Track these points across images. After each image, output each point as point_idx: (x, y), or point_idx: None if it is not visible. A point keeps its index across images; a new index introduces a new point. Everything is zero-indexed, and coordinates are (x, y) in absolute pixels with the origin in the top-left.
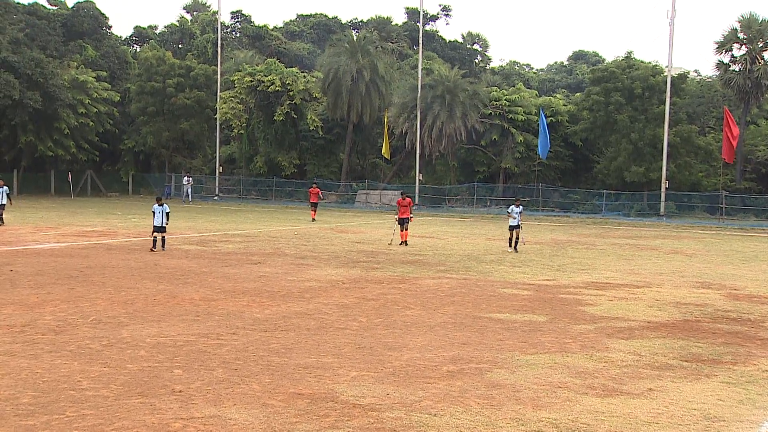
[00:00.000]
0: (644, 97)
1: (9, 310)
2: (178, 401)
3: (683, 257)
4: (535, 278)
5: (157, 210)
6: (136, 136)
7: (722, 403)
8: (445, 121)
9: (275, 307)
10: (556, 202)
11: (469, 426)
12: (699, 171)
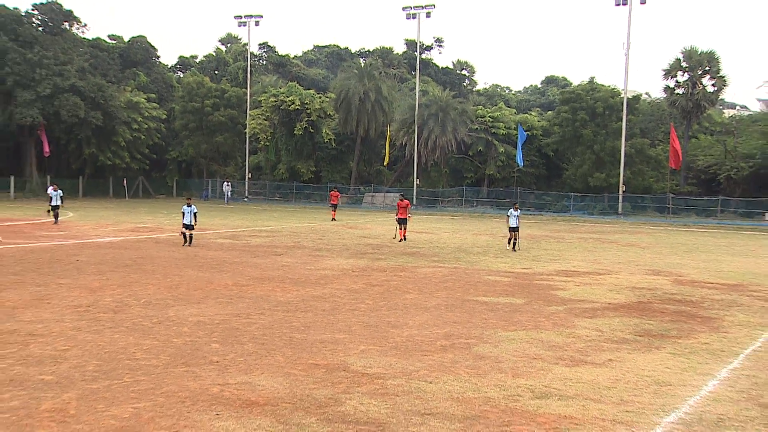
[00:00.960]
0: (605, 115)
1: (76, 292)
2: (216, 370)
3: (638, 249)
4: (514, 267)
5: (186, 210)
6: (179, 147)
7: (669, 370)
8: (438, 134)
9: (295, 291)
10: (531, 203)
11: (459, 391)
12: (650, 177)
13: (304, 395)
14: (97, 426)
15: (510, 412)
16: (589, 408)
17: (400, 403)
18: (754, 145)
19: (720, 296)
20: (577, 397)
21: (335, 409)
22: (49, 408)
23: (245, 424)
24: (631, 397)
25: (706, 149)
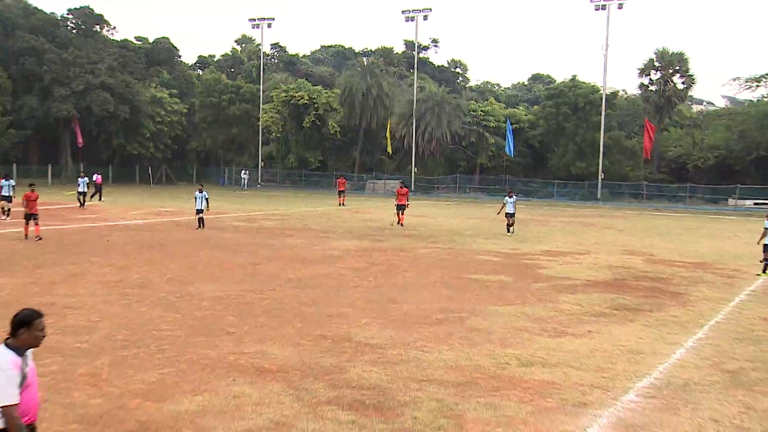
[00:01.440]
0: (585, 109)
1: (106, 270)
2: (232, 340)
3: (614, 231)
4: (504, 248)
5: (198, 196)
6: (199, 138)
7: (642, 340)
8: (434, 127)
9: (304, 270)
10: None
11: (453, 360)
12: (626, 166)
13: (312, 363)
14: (127, 389)
15: (498, 378)
16: (570, 374)
17: (399, 371)
18: (719, 137)
19: (687, 274)
20: (559, 364)
21: (340, 375)
22: (84, 373)
23: (259, 389)
24: (607, 365)
25: (676, 141)
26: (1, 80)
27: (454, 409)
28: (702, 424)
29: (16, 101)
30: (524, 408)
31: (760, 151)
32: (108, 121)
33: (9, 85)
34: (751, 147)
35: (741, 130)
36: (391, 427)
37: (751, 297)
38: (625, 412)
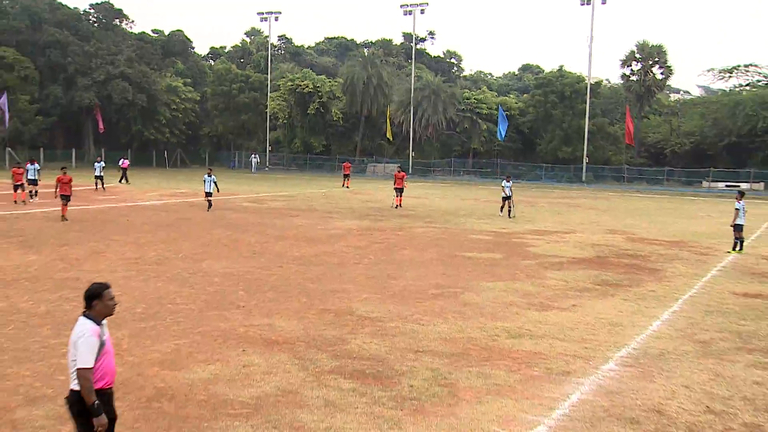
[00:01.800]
0: (571, 98)
1: (126, 247)
2: (242, 313)
3: (598, 212)
4: (495, 227)
5: (207, 179)
6: (211, 125)
7: (621, 314)
8: (431, 114)
9: (309, 248)
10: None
11: (447, 332)
12: (609, 151)
13: (316, 335)
14: (145, 358)
15: (489, 349)
16: (555, 345)
17: (397, 342)
18: (695, 124)
19: (664, 251)
20: (545, 336)
21: (342, 347)
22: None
23: (267, 359)
24: (589, 336)
25: (655, 127)
26: (29, 71)
27: (447, 378)
28: (675, 390)
29: (43, 91)
30: (513, 377)
31: (732, 137)
32: (127, 108)
33: (36, 75)
34: (723, 133)
35: (714, 118)
36: (389, 394)
37: (721, 273)
38: (605, 380)
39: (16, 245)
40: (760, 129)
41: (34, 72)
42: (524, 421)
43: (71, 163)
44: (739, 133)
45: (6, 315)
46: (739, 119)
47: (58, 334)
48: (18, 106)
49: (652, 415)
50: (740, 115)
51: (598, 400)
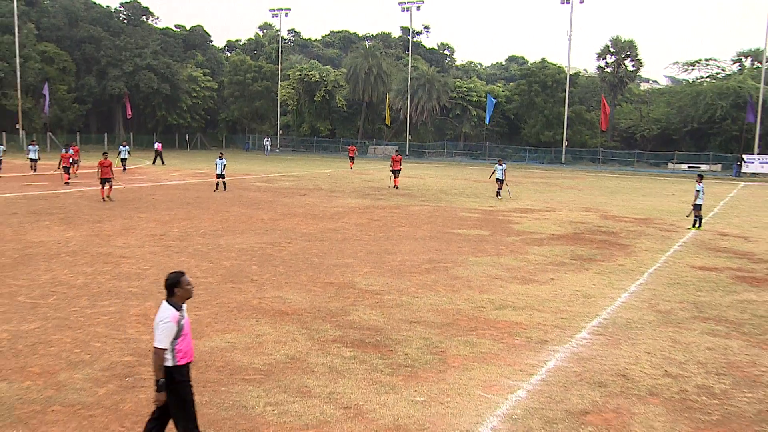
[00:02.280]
0: (553, 87)
1: (152, 224)
2: (255, 286)
3: (575, 191)
4: (482, 206)
5: (218, 162)
6: (227, 110)
7: (594, 286)
8: (426, 101)
9: (315, 225)
10: (497, 154)
11: (438, 304)
12: (586, 135)
13: (321, 307)
14: None
15: (476, 320)
16: (534, 316)
17: (394, 313)
18: (661, 112)
19: (633, 228)
20: (526, 308)
21: (344, 317)
22: (136, 313)
23: (278, 329)
24: (565, 307)
25: (626, 114)
26: (67, 64)
27: (438, 346)
28: (638, 356)
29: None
30: (496, 345)
31: (694, 123)
32: (152, 96)
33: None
34: (686, 120)
35: (678, 106)
36: (386, 362)
37: (682, 248)
38: (578, 348)
39: (57, 222)
40: (718, 117)
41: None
42: (506, 385)
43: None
44: (700, 120)
45: (50, 287)
46: (700, 108)
47: (94, 305)
48: (57, 95)
49: (618, 378)
50: (701, 104)
51: (571, 366)
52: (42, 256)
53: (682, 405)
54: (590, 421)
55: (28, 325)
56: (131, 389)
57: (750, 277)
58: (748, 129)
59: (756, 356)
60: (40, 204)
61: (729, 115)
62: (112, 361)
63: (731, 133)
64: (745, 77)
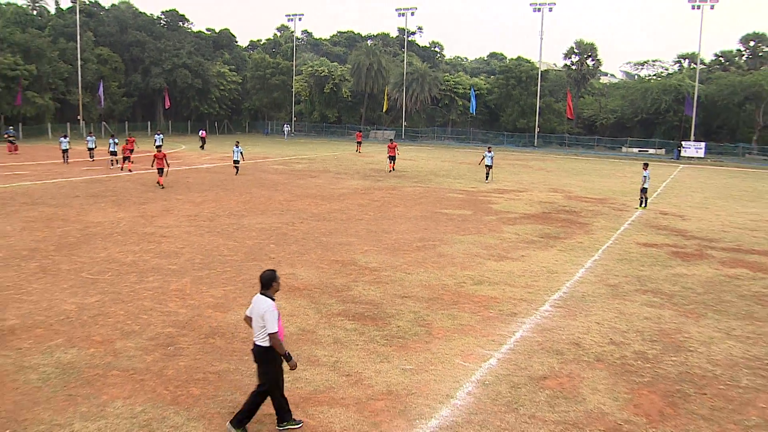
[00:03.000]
0: (527, 81)
1: (187, 206)
2: (272, 264)
3: (545, 172)
4: (466, 187)
5: (235, 150)
6: (250, 101)
7: (557, 262)
8: (419, 92)
9: (324, 205)
10: (479, 139)
11: (426, 280)
12: (555, 122)
13: (328, 283)
14: (202, 302)
15: (458, 294)
16: (506, 291)
17: (389, 289)
18: (617, 104)
19: (592, 207)
20: (500, 283)
21: (347, 293)
22: (175, 288)
23: (291, 303)
24: (532, 282)
25: (588, 105)
26: (118, 64)
27: (425, 319)
28: (590, 326)
29: (127, 78)
30: (474, 318)
31: (643, 114)
32: (187, 90)
33: (123, 67)
34: (637, 111)
35: (631, 100)
36: (381, 333)
37: (631, 226)
38: (541, 319)
39: (110, 204)
40: (662, 109)
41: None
42: (480, 354)
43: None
44: (648, 112)
45: (106, 264)
46: (648, 101)
47: (141, 281)
48: (110, 91)
49: (572, 347)
50: (649, 99)
51: (534, 336)
52: (99, 236)
53: (621, 369)
54: (548, 385)
55: (90, 298)
56: (172, 357)
57: (682, 253)
58: (686, 120)
59: (682, 324)
60: (96, 187)
61: (671, 108)
62: (157, 332)
63: (673, 123)
64: (683, 76)
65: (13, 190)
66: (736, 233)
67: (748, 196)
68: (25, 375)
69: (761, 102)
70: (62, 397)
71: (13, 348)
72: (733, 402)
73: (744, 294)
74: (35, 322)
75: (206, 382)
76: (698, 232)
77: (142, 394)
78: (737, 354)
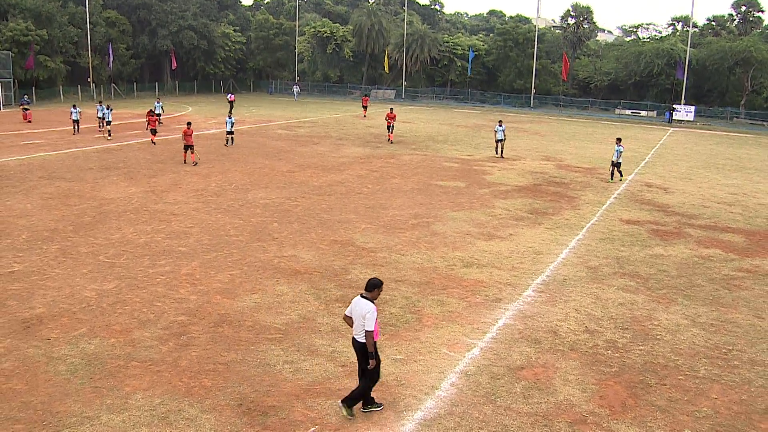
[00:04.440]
0: (524, 43)
1: (195, 179)
2: (276, 244)
3: (539, 137)
4: (462, 154)
5: (228, 120)
6: (254, 60)
7: (543, 242)
8: (419, 53)
9: (325, 177)
10: (477, 99)
11: (419, 262)
12: (550, 83)
13: (327, 266)
14: (211, 287)
15: (448, 278)
16: (494, 274)
17: (384, 272)
18: (611, 66)
19: (581, 179)
20: (487, 265)
21: (345, 277)
22: (185, 273)
23: (293, 288)
24: (518, 264)
25: (583, 67)
26: (125, 26)
27: (416, 305)
28: (568, 313)
29: (135, 40)
30: (461, 304)
31: (636, 77)
32: (193, 51)
33: (130, 29)
34: (630, 74)
35: (625, 62)
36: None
37: (616, 200)
38: (523, 306)
39: (122, 177)
40: (655, 72)
41: (129, 26)
42: (465, 343)
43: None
44: (641, 75)
45: (120, 246)
46: (641, 64)
47: (154, 264)
48: (118, 53)
49: (550, 335)
50: (642, 62)
51: (516, 324)
52: (113, 214)
53: (592, 359)
54: (524, 375)
55: (108, 284)
56: (185, 347)
57: (662, 231)
58: (678, 84)
59: (653, 311)
60: (108, 158)
61: (663, 72)
62: (170, 320)
63: (665, 86)
64: (676, 40)
65: (30, 162)
66: (715, 208)
67: (731, 166)
68: (55, 366)
69: (750, 67)
70: (89, 389)
71: (43, 338)
72: (689, 393)
73: (714, 277)
74: (60, 310)
75: (216, 373)
76: (680, 207)
77: (159, 386)
78: (699, 342)
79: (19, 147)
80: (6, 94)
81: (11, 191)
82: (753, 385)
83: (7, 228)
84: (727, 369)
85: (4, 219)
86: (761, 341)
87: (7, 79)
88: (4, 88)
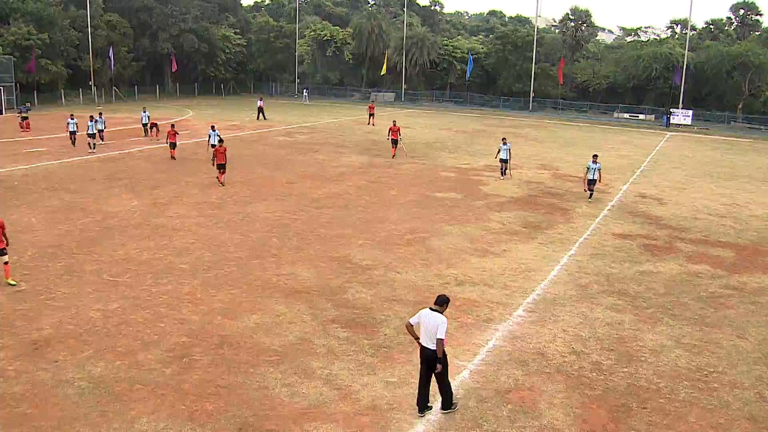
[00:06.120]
0: (523, 47)
1: (195, 190)
2: (274, 262)
3: (536, 144)
4: (459, 162)
5: (211, 134)
6: (254, 63)
7: (535, 258)
8: (418, 56)
9: (324, 188)
10: (476, 102)
11: (413, 281)
12: (549, 87)
13: (324, 285)
14: (212, 307)
15: None
16: (486, 293)
17: (379, 291)
18: (610, 69)
19: (576, 189)
20: (480, 283)
21: (341, 296)
22: (187, 292)
23: (291, 308)
24: (510, 283)
25: (582, 70)
26: (126, 29)
27: None
28: (556, 334)
29: (136, 43)
30: (452, 324)
31: (635, 81)
32: (194, 54)
33: (131, 32)
34: (629, 77)
35: (623, 66)
36: (371, 342)
37: (610, 212)
38: (513, 326)
39: (124, 189)
40: (653, 76)
41: (130, 30)
42: (455, 366)
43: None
44: (639, 78)
45: (124, 263)
46: (640, 68)
47: (156, 283)
48: (119, 56)
49: (537, 357)
50: (640, 65)
51: (505, 346)
52: (116, 228)
53: (577, 381)
54: (510, 398)
55: (113, 304)
56: (188, 370)
57: (653, 246)
58: (676, 87)
59: (639, 331)
60: (110, 168)
61: (661, 76)
62: (173, 342)
63: (663, 90)
64: (674, 44)
65: (34, 173)
66: (707, 221)
67: (725, 174)
68: (64, 390)
69: (747, 71)
70: (96, 413)
71: (51, 361)
72: (668, 416)
73: (701, 295)
74: (67, 332)
75: (217, 396)
76: (672, 220)
77: (163, 410)
78: (682, 364)
79: (23, 155)
80: (8, 98)
81: (16, 204)
82: (730, 408)
83: (14, 243)
84: (706, 392)
85: (10, 234)
86: (741, 363)
87: (8, 83)
88: (5, 92)
